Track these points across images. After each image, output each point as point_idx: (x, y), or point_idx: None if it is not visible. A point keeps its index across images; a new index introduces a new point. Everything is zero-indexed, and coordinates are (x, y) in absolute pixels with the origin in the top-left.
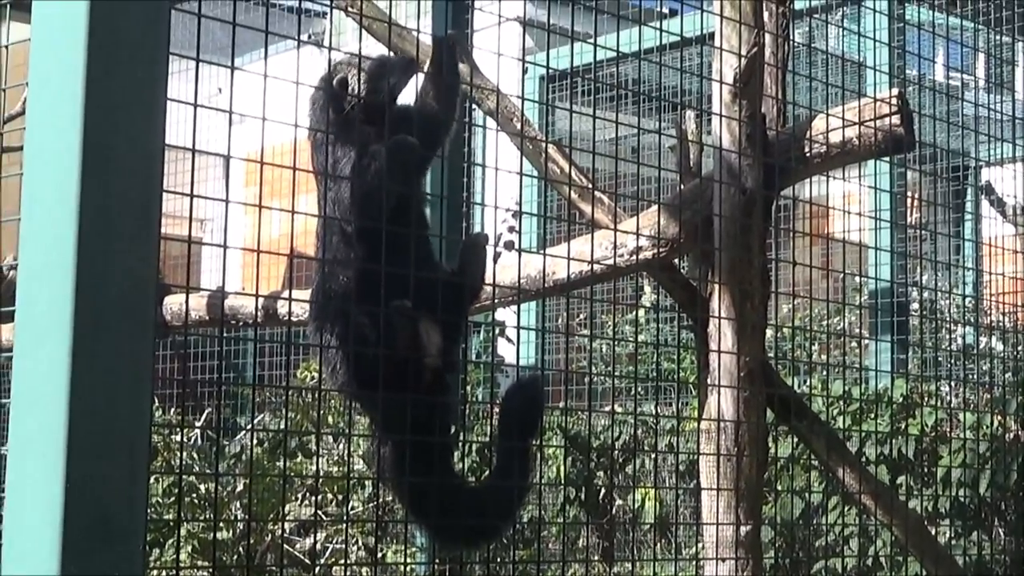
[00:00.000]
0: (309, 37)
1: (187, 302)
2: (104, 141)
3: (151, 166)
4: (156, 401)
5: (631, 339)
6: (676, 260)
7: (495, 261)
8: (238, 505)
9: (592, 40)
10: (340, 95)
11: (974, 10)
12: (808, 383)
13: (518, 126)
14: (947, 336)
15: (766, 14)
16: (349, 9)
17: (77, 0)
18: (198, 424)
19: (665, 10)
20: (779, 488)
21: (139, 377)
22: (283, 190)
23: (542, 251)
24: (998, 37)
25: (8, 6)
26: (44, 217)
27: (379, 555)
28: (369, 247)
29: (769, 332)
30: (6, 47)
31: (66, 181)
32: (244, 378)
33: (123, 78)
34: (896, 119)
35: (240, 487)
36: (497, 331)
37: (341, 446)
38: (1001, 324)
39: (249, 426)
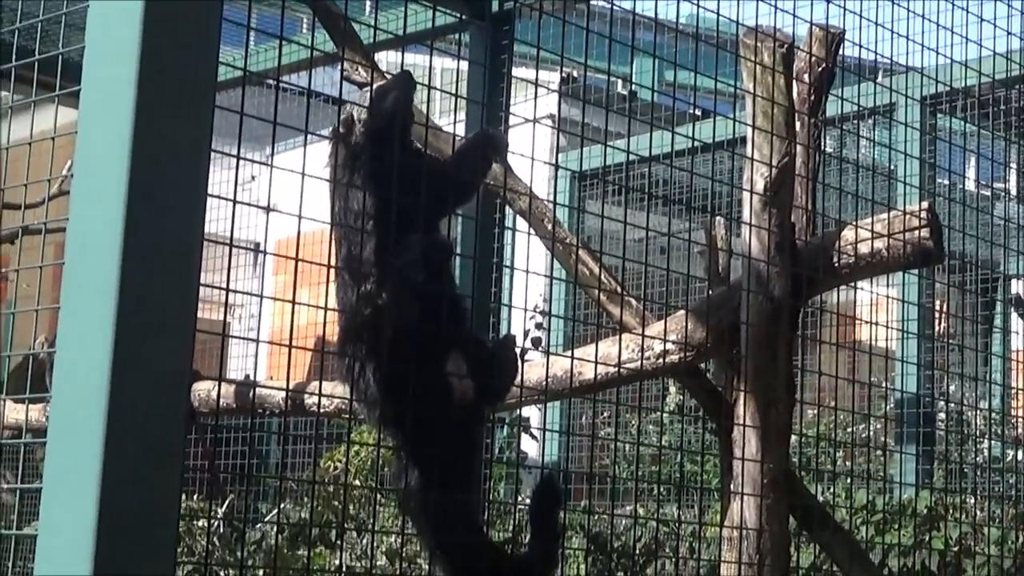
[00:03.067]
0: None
1: (219, 394)
2: (145, 231)
3: (190, 257)
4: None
5: (654, 440)
6: (702, 365)
7: (522, 359)
8: None
9: (623, 142)
10: (348, 130)
11: (1006, 123)
12: (832, 491)
13: (549, 227)
14: (973, 448)
15: (798, 124)
16: None
17: (123, 91)
18: (221, 511)
19: (697, 112)
20: None
21: (170, 466)
22: (312, 278)
23: (570, 352)
24: None
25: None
26: (83, 305)
27: None
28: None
29: (793, 438)
30: (53, 138)
31: (106, 269)
32: (267, 465)
33: (166, 170)
34: (925, 232)
35: None
36: (521, 427)
37: (364, 540)
38: None
39: (270, 514)
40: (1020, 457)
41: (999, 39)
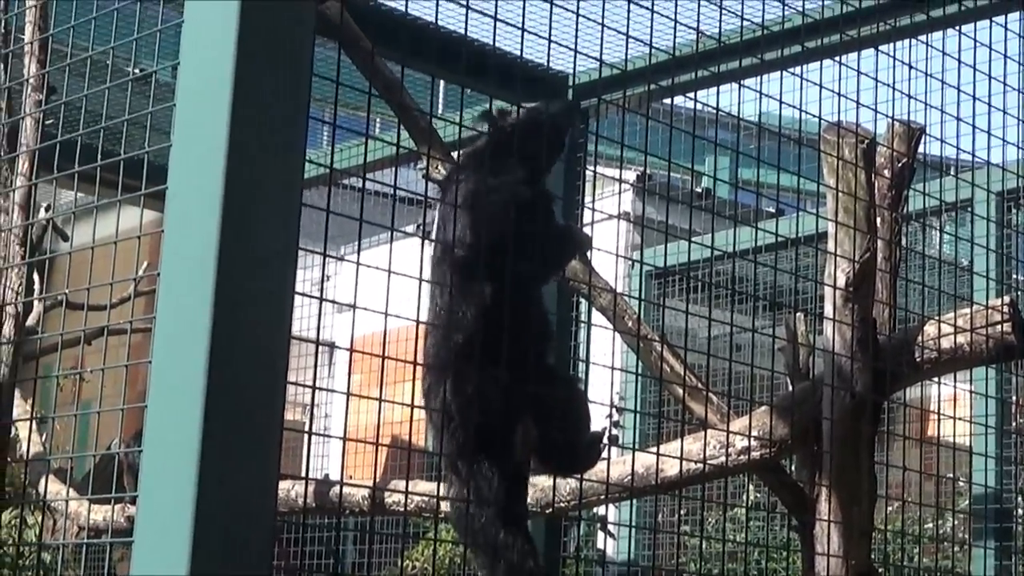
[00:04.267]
0: (418, 228)
1: (305, 493)
2: (233, 333)
3: (277, 357)
4: None
5: (735, 539)
6: (783, 461)
7: (600, 456)
8: None
9: (701, 239)
10: (500, 120)
11: None
12: None
13: (629, 323)
14: None
15: (878, 219)
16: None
17: (210, 191)
18: None
19: (776, 209)
20: None
21: (258, 570)
22: (388, 378)
23: (654, 449)
24: None
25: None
26: (171, 404)
27: None
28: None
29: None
30: (139, 237)
31: (193, 375)
32: (344, 565)
33: (254, 270)
34: (1008, 327)
35: None
36: (598, 525)
37: None
38: None
39: None
40: None
41: None
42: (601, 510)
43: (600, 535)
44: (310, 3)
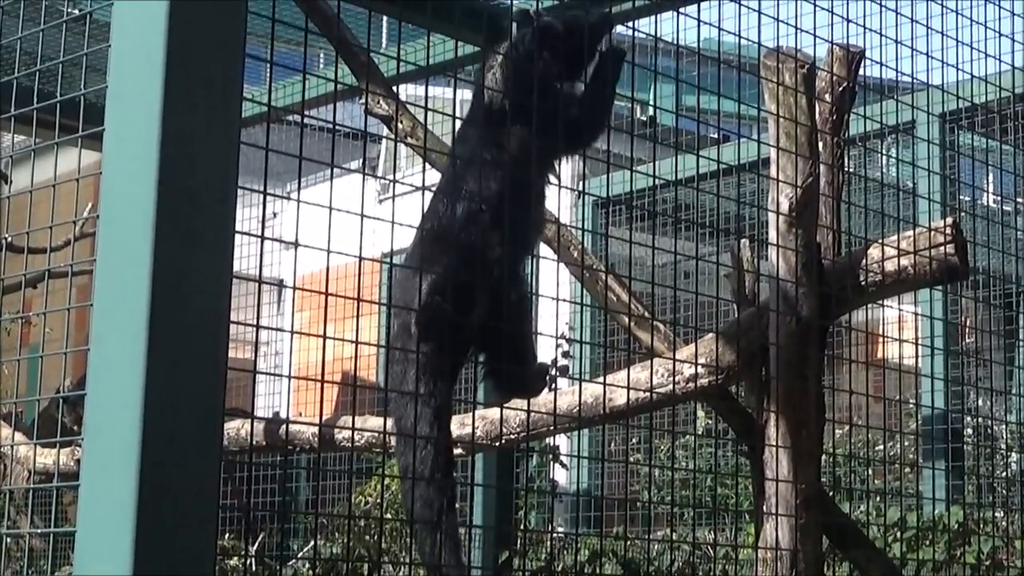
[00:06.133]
0: (363, 163)
1: (251, 432)
2: (174, 270)
3: (220, 296)
4: None
5: (686, 465)
6: (732, 387)
7: (551, 386)
8: None
9: (646, 168)
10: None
11: None
12: (865, 509)
13: (576, 254)
14: (1001, 462)
15: (821, 144)
16: (408, 140)
17: (147, 130)
18: (253, 549)
19: (720, 135)
20: None
21: (204, 505)
22: (337, 314)
23: (601, 379)
24: None
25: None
26: (113, 346)
27: None
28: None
29: (824, 457)
30: (77, 180)
31: (135, 317)
32: (297, 502)
33: (194, 209)
34: (951, 248)
35: None
36: (551, 456)
37: (400, 574)
38: None
39: (303, 551)
40: None
41: (1017, 54)
42: (555, 441)
43: (553, 466)
44: None
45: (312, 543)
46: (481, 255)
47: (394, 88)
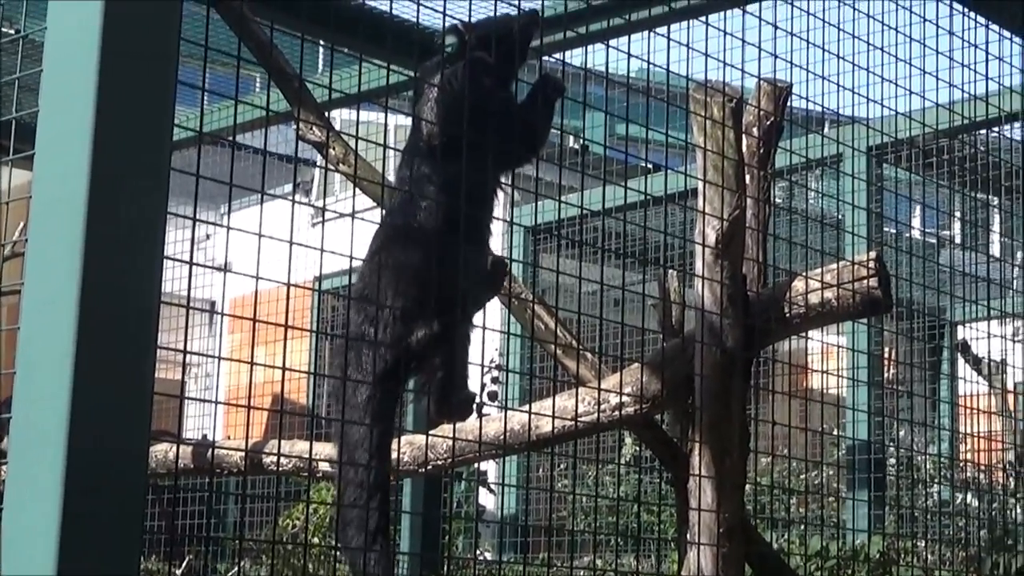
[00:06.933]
0: (296, 186)
1: (177, 455)
2: (102, 293)
3: (147, 319)
4: None
5: (611, 492)
6: (657, 416)
7: (479, 413)
8: None
9: (576, 196)
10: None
11: (949, 172)
12: (786, 538)
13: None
14: (923, 493)
15: (748, 177)
16: (341, 167)
17: (78, 152)
18: (179, 572)
19: (648, 165)
20: None
21: (128, 529)
22: (268, 336)
23: (527, 407)
24: (973, 197)
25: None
26: (40, 367)
27: None
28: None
29: (748, 487)
30: (7, 203)
31: (62, 341)
32: (224, 525)
33: (123, 232)
34: (874, 282)
35: None
36: (479, 481)
37: None
38: (977, 481)
39: (229, 574)
40: (969, 501)
41: (941, 91)
42: (482, 467)
43: (480, 491)
44: None
45: (237, 566)
46: (435, 280)
47: (327, 114)
